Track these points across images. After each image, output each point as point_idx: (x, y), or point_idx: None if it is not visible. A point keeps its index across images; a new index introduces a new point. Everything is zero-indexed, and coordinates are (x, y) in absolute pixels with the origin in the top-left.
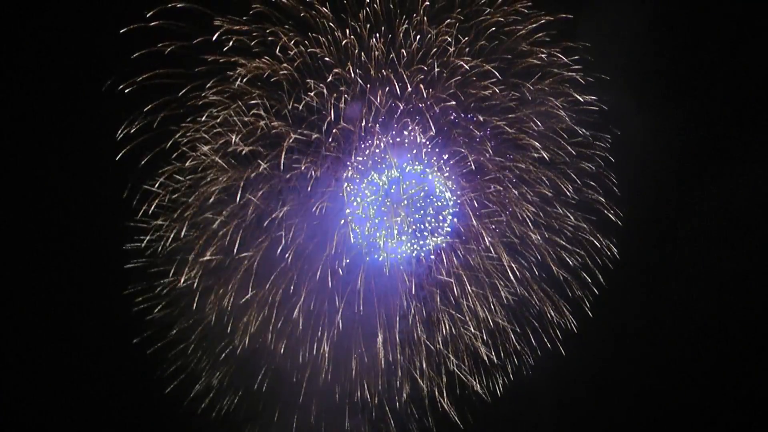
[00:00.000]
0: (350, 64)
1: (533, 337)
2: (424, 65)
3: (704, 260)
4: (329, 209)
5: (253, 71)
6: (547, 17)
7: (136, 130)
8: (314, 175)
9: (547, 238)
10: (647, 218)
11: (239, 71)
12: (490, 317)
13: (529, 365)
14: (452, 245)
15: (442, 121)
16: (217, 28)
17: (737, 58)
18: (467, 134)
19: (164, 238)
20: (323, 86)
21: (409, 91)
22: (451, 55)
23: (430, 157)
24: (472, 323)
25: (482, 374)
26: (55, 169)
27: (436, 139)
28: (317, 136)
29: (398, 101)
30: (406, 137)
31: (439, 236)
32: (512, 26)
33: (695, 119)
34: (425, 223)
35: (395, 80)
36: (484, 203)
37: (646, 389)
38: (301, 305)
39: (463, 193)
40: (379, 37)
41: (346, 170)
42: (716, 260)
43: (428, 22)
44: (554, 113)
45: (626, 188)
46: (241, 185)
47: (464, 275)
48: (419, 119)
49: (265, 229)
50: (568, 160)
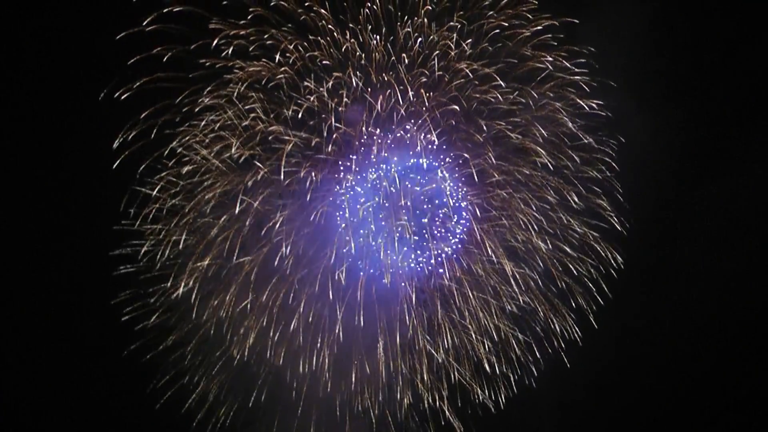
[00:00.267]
0: (350, 67)
1: (536, 346)
2: (425, 69)
3: (705, 261)
4: (329, 214)
5: (252, 75)
6: (550, 21)
7: (134, 135)
8: (314, 179)
9: (550, 243)
10: (648, 219)
11: (238, 75)
12: (492, 325)
13: (532, 374)
14: (455, 251)
15: (443, 125)
16: (215, 31)
17: (737, 58)
18: (469, 139)
19: (162, 243)
20: (323, 90)
21: (410, 94)
22: (452, 58)
23: (431, 161)
24: (474, 330)
25: (484, 383)
26: (52, 174)
27: (437, 143)
28: (317, 140)
29: (399, 105)
30: (406, 141)
31: (443, 242)
32: (514, 30)
33: (695, 120)
34: (427, 229)
35: (396, 84)
36: (486, 209)
37: (648, 394)
38: (300, 312)
39: (464, 198)
40: (380, 39)
41: (346, 175)
42: (716, 261)
43: (430, 24)
44: (557, 117)
45: (628, 192)
46: (240, 190)
47: (465, 280)
48: (420, 123)
49: (264, 234)
50: (571, 167)
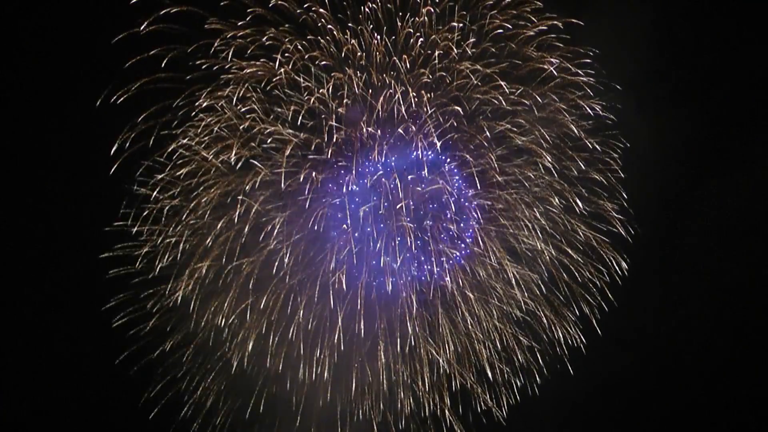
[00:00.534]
0: (351, 67)
1: (539, 354)
2: (426, 69)
3: (711, 266)
4: (329, 215)
5: (251, 75)
6: (553, 21)
7: (132, 136)
8: (314, 180)
9: (553, 247)
10: (652, 223)
11: (238, 75)
12: (495, 331)
13: (535, 382)
14: (461, 256)
15: (445, 126)
16: (214, 32)
17: (740, 59)
18: (471, 140)
19: (160, 246)
20: (323, 90)
21: (411, 95)
22: (454, 58)
23: (432, 162)
24: (476, 336)
25: (486, 390)
26: (50, 176)
27: (438, 144)
28: (317, 140)
29: (400, 105)
30: (407, 142)
31: (447, 246)
32: (517, 30)
33: (696, 120)
34: (429, 232)
35: (396, 84)
36: (489, 211)
37: (653, 402)
38: (299, 316)
39: (467, 200)
40: (380, 39)
41: (346, 176)
42: (722, 266)
43: (431, 25)
44: (560, 119)
45: (631, 195)
46: (240, 191)
47: (468, 284)
48: (421, 124)
49: (264, 236)
50: (574, 170)
